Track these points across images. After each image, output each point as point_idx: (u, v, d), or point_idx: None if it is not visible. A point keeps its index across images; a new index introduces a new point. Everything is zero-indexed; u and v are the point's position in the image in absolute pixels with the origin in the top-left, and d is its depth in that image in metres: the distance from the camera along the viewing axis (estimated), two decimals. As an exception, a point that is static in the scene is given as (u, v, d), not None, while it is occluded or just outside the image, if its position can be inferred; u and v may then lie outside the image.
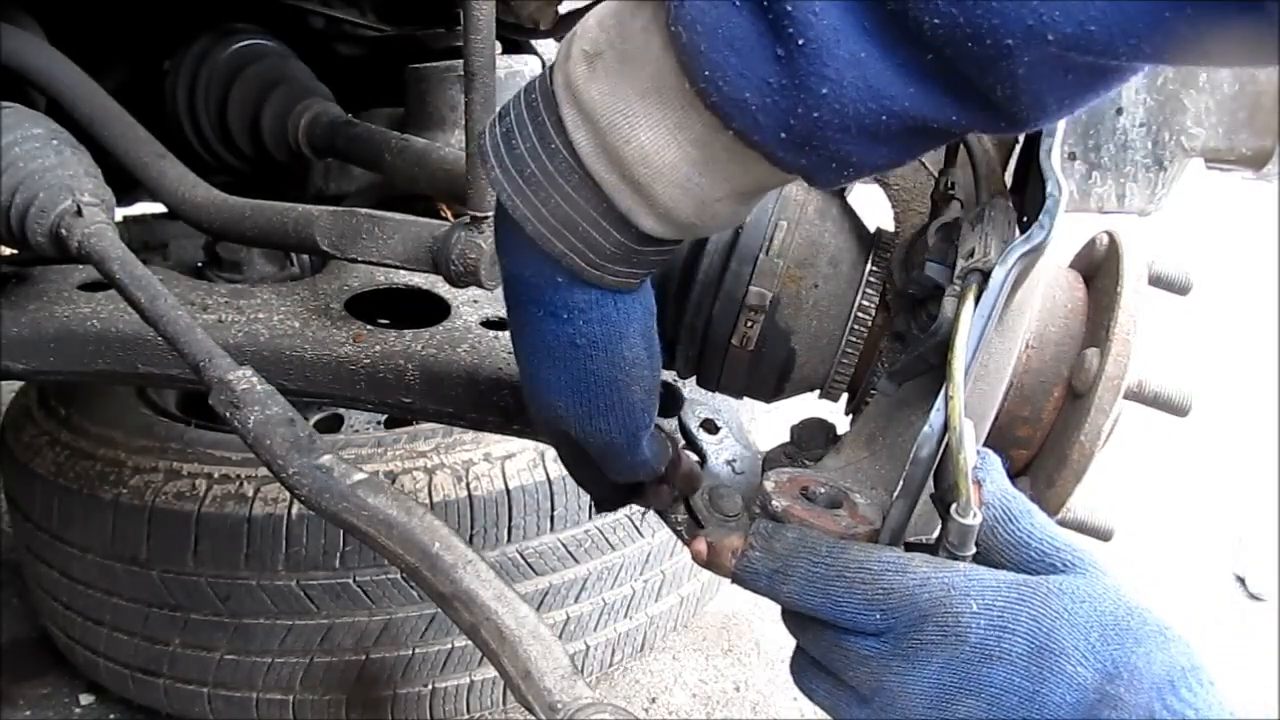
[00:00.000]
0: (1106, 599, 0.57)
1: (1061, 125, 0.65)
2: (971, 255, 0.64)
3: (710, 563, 0.70)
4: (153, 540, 1.66)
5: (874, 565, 0.61)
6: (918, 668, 0.58)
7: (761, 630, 2.25)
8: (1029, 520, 0.61)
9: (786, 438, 0.89)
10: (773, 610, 0.70)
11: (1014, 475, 0.78)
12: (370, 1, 1.81)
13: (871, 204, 0.91)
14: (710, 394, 0.98)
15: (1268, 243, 4.20)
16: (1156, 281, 0.78)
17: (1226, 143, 1.57)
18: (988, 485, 0.62)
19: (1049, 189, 0.63)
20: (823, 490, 0.74)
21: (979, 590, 0.58)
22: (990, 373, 0.72)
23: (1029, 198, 0.69)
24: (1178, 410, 0.74)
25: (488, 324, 1.22)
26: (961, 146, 0.74)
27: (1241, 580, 2.55)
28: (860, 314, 0.78)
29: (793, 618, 0.68)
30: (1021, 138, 0.79)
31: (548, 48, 1.79)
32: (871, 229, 0.83)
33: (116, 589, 1.73)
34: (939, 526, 0.66)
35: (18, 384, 2.11)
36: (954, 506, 0.61)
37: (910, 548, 0.68)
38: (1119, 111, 1.67)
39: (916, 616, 0.59)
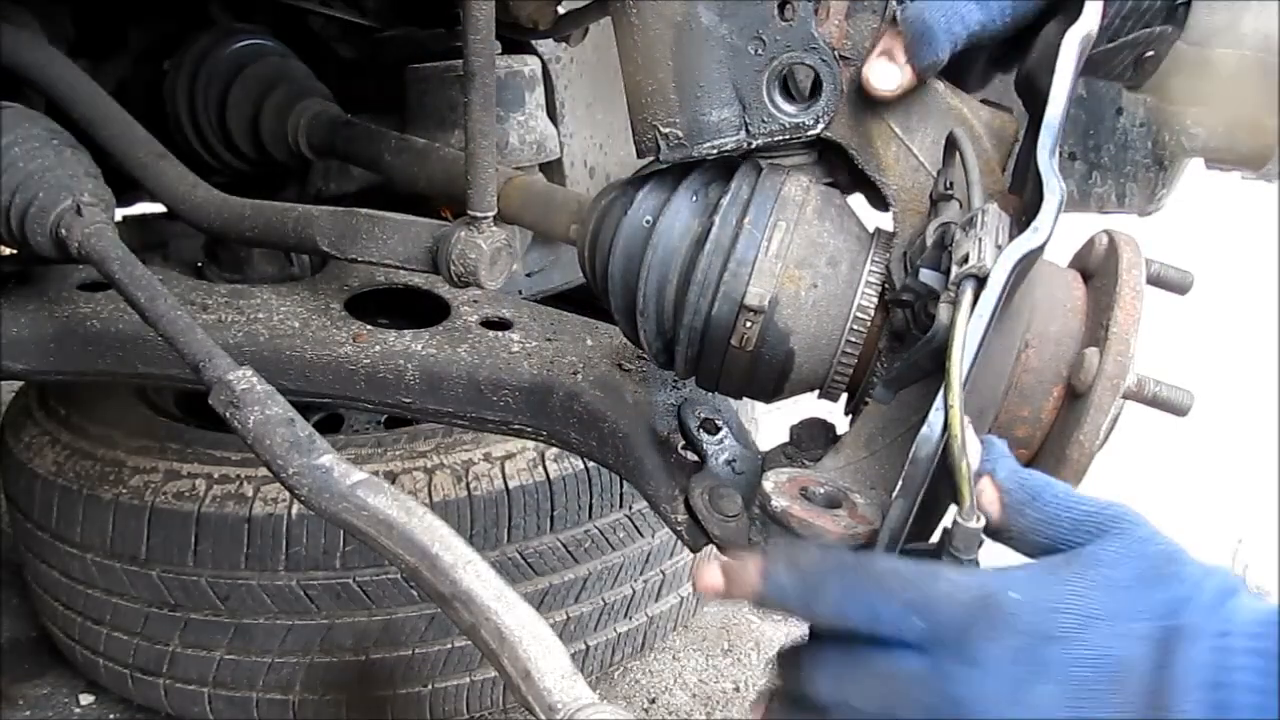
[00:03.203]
0: (1144, 553, 0.58)
1: (1059, 125, 0.65)
2: (966, 260, 0.64)
3: (727, 592, 0.66)
4: (152, 540, 1.66)
5: (906, 572, 0.60)
6: (982, 668, 0.56)
7: (761, 630, 2.25)
8: (1052, 493, 0.61)
9: (786, 438, 0.89)
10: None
11: None
12: (370, 1, 1.81)
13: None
14: (710, 394, 0.98)
15: (1268, 243, 4.20)
16: (1156, 281, 0.78)
17: (1226, 142, 1.56)
18: (1000, 474, 0.62)
19: (1046, 190, 0.63)
20: (821, 490, 0.74)
21: (1014, 581, 0.58)
22: (988, 373, 0.72)
23: (1028, 198, 0.69)
24: (1177, 410, 0.74)
25: (487, 324, 1.22)
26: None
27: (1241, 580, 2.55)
28: (859, 314, 0.78)
29: (805, 657, 0.64)
30: (1020, 137, 0.79)
31: (546, 48, 1.79)
32: (871, 229, 0.83)
33: (116, 589, 1.73)
34: (938, 532, 0.67)
35: (18, 384, 2.11)
36: (958, 511, 0.61)
37: (910, 554, 0.68)
38: (1119, 111, 1.67)
39: (962, 618, 0.57)
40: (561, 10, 1.38)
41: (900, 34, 0.74)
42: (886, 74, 0.75)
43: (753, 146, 0.80)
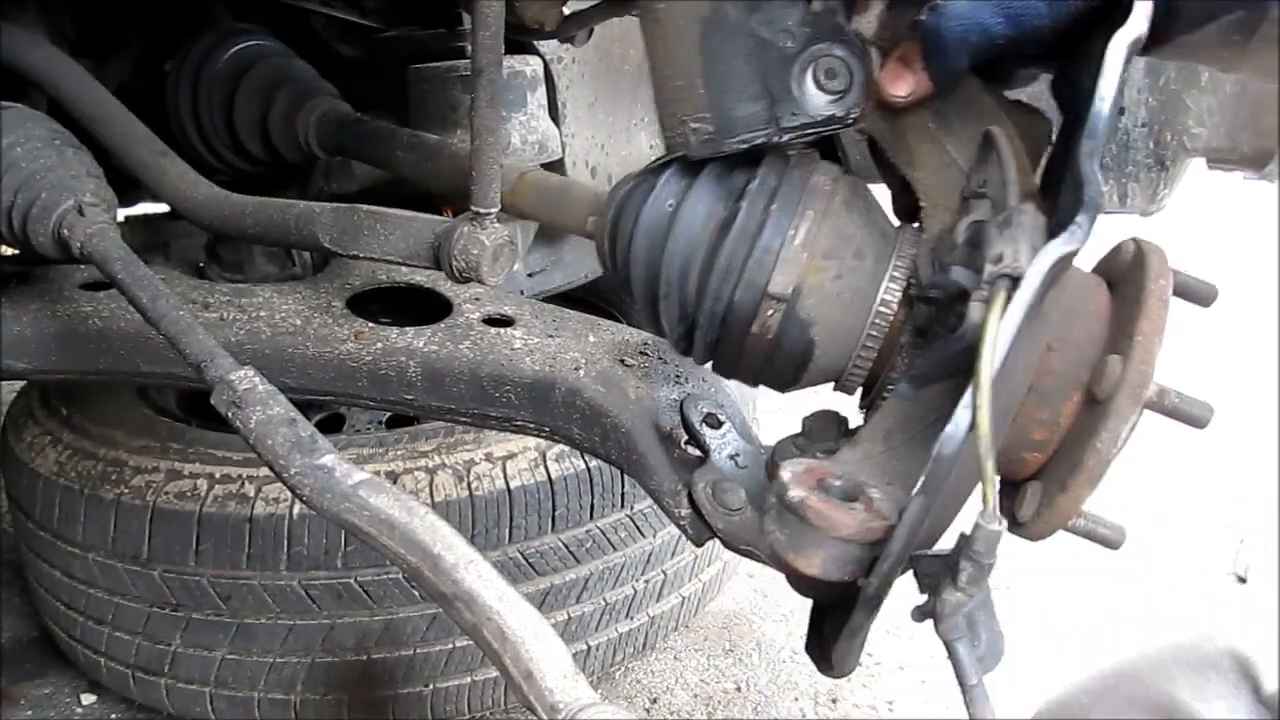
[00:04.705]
0: None
1: (1103, 129, 0.64)
2: (999, 260, 0.63)
3: None
4: (154, 540, 1.66)
5: None
6: None
7: (763, 630, 2.25)
8: None
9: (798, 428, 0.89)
10: (774, 610, 0.70)
11: (1027, 479, 0.78)
12: (371, 1, 1.81)
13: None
14: (713, 389, 0.98)
15: (1268, 243, 4.20)
16: (1179, 291, 0.77)
17: (1228, 142, 1.56)
18: None
19: (1088, 192, 0.62)
20: (838, 483, 0.73)
21: None
22: (1012, 374, 0.71)
23: (1063, 200, 0.68)
24: (1195, 423, 0.73)
25: (490, 321, 1.22)
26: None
27: (1242, 580, 2.55)
28: (883, 308, 0.77)
29: None
30: (1052, 139, 0.78)
31: (549, 48, 1.79)
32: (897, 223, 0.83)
33: (118, 589, 1.73)
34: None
35: (19, 383, 2.11)
36: (980, 513, 0.61)
37: (919, 560, 0.68)
38: (1121, 111, 1.67)
39: None
40: (566, 11, 1.38)
41: (916, 41, 0.74)
42: (900, 80, 0.75)
43: (784, 140, 0.79)
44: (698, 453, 0.94)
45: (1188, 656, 0.74)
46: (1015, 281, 0.61)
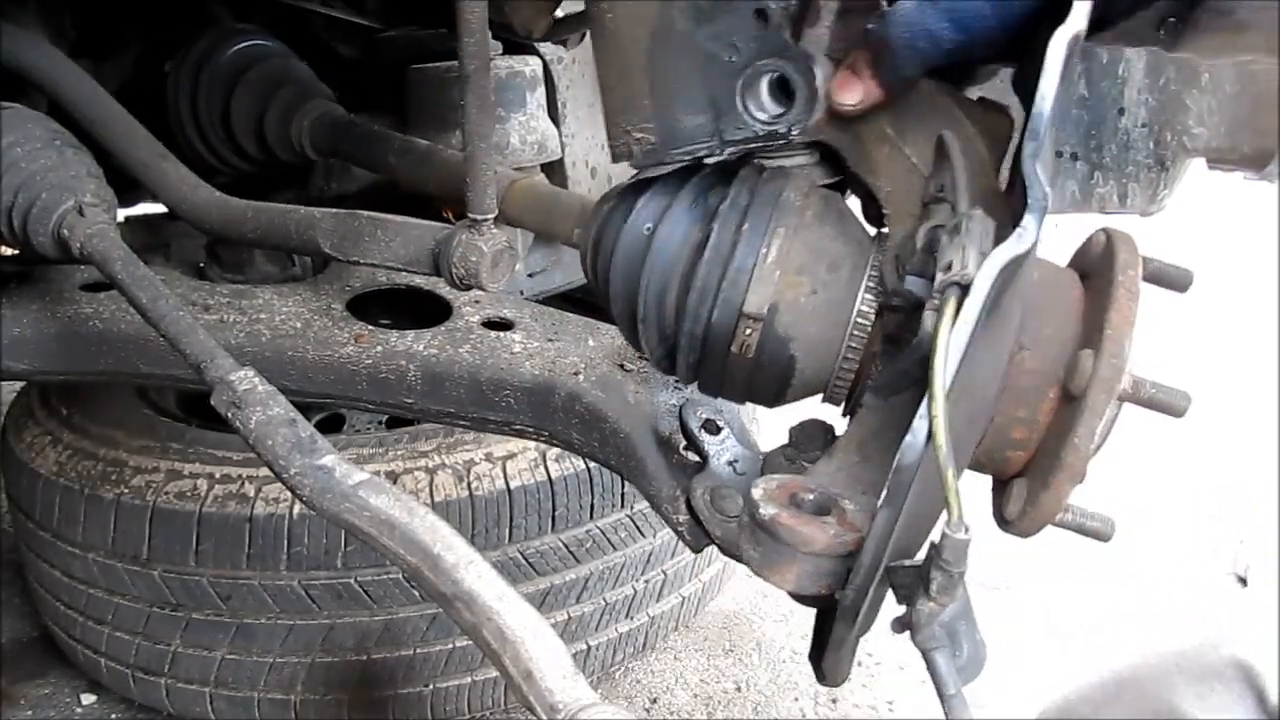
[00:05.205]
0: None
1: (1044, 128, 0.64)
2: (950, 268, 0.63)
3: None
4: (154, 540, 1.66)
5: None
6: None
7: (763, 630, 2.25)
8: None
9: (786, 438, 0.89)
10: (774, 610, 0.70)
11: (1011, 477, 0.78)
12: (371, 1, 1.81)
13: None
14: (712, 395, 0.97)
15: (1268, 243, 4.20)
16: (1154, 278, 0.77)
17: (1228, 142, 1.56)
18: None
19: (1032, 194, 0.62)
20: (811, 497, 0.73)
21: None
22: (979, 378, 0.71)
23: (1016, 202, 0.68)
24: (1173, 412, 0.73)
25: (489, 324, 1.22)
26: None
27: (1242, 580, 2.55)
28: (860, 319, 0.77)
29: None
30: (1016, 137, 0.78)
31: (548, 48, 1.79)
32: (873, 232, 0.83)
33: (118, 588, 1.73)
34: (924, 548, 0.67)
35: (20, 384, 2.11)
36: (945, 522, 0.61)
37: (895, 571, 0.68)
38: (1121, 112, 1.66)
39: None
40: (560, 14, 1.38)
41: (865, 50, 0.73)
42: (849, 89, 0.75)
43: (726, 154, 0.80)
44: (696, 458, 0.94)
45: (1191, 665, 0.73)
46: (965, 289, 0.61)
